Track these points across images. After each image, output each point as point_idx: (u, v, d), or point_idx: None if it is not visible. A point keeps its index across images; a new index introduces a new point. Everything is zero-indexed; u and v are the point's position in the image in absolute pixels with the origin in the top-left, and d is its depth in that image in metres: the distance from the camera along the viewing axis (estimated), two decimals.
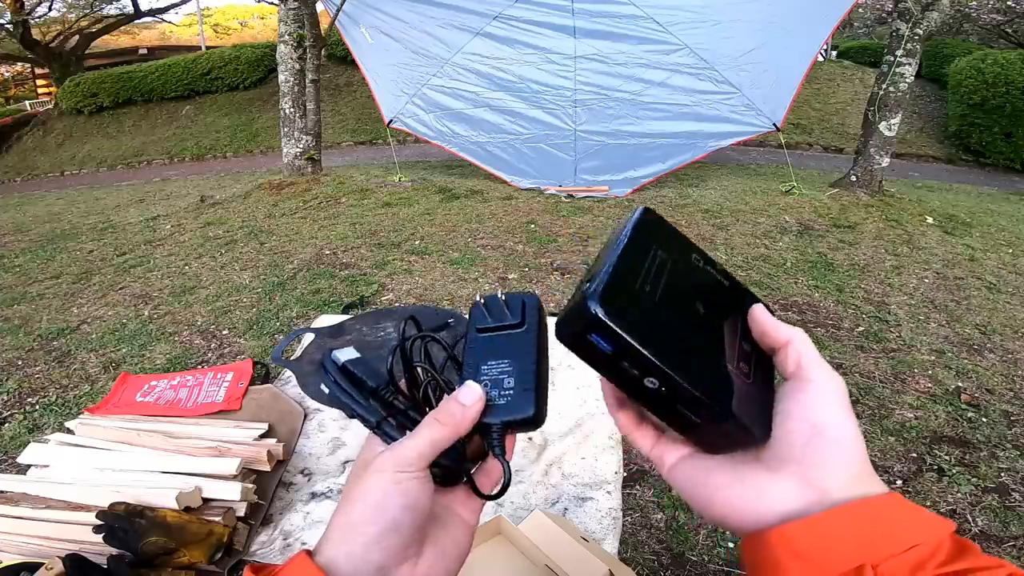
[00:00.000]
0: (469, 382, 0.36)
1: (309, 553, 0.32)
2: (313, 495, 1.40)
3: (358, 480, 0.34)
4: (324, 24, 5.79)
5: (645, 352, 0.29)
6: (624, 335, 0.29)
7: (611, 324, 0.29)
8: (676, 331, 0.31)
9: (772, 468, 0.30)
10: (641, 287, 0.31)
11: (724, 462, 0.32)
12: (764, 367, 0.34)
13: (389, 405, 0.38)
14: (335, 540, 0.32)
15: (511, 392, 0.36)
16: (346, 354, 0.40)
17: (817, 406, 0.30)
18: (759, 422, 0.31)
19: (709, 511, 0.32)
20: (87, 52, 15.37)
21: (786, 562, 0.27)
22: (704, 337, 0.32)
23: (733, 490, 0.30)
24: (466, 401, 0.35)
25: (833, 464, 0.29)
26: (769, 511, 0.29)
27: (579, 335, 0.30)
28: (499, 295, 0.41)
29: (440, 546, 0.35)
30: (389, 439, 0.36)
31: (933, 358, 2.48)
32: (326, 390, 0.40)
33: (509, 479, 0.37)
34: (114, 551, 0.93)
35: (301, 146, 5.48)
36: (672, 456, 0.35)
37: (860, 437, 0.30)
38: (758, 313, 0.34)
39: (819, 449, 0.29)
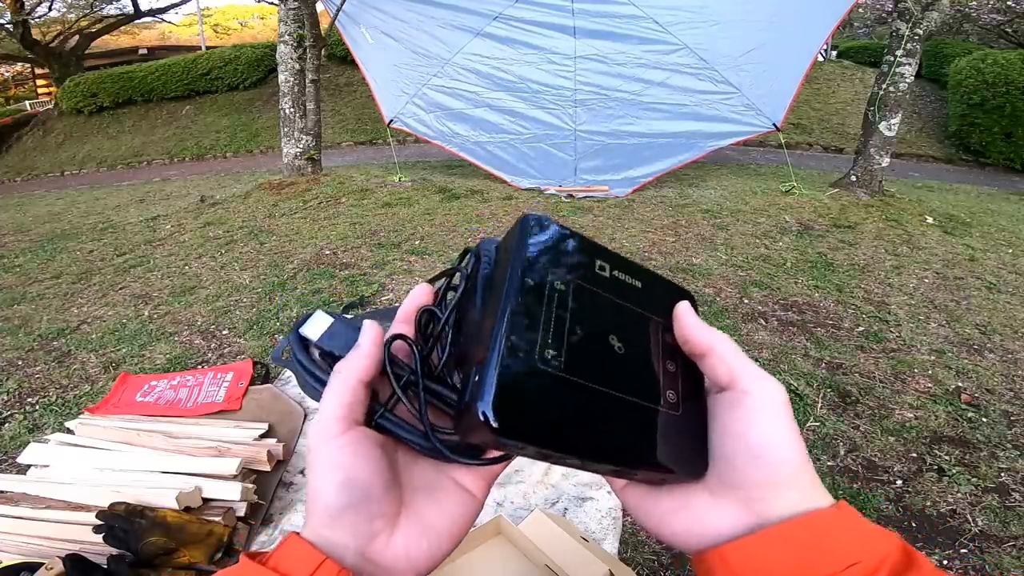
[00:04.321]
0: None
1: (297, 534, 0.29)
2: None
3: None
4: (324, 24, 5.79)
5: (556, 453, 0.26)
6: (529, 443, 0.25)
7: (513, 439, 0.24)
8: (589, 399, 0.26)
9: (714, 493, 0.29)
10: (542, 353, 0.25)
11: (670, 486, 0.31)
12: (694, 379, 0.31)
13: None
14: (309, 518, 0.29)
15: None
16: (316, 326, 0.31)
17: (755, 422, 0.28)
18: (692, 458, 0.29)
19: (658, 533, 0.31)
20: (87, 52, 15.37)
21: None
22: (624, 382, 0.28)
23: (679, 516, 0.30)
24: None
25: (775, 486, 0.27)
26: (714, 535, 0.28)
27: (484, 441, 0.25)
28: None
29: (423, 518, 0.30)
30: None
31: (933, 358, 2.48)
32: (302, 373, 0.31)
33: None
34: (114, 551, 0.93)
35: (301, 146, 5.48)
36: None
37: (803, 449, 0.28)
38: (681, 316, 0.31)
39: (759, 472, 0.27)
